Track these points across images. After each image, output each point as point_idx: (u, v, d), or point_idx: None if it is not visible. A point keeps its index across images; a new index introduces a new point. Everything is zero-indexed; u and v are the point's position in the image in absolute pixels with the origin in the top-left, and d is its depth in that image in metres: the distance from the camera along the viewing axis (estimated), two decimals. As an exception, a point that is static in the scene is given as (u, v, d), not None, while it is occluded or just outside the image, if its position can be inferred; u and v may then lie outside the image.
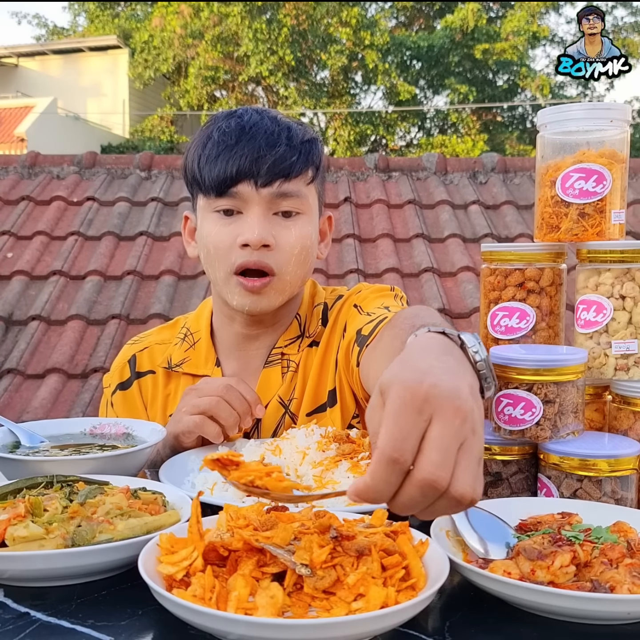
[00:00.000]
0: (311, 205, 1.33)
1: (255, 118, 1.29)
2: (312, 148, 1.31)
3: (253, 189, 1.25)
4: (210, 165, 1.26)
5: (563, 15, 28.23)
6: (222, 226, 1.28)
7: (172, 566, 0.73)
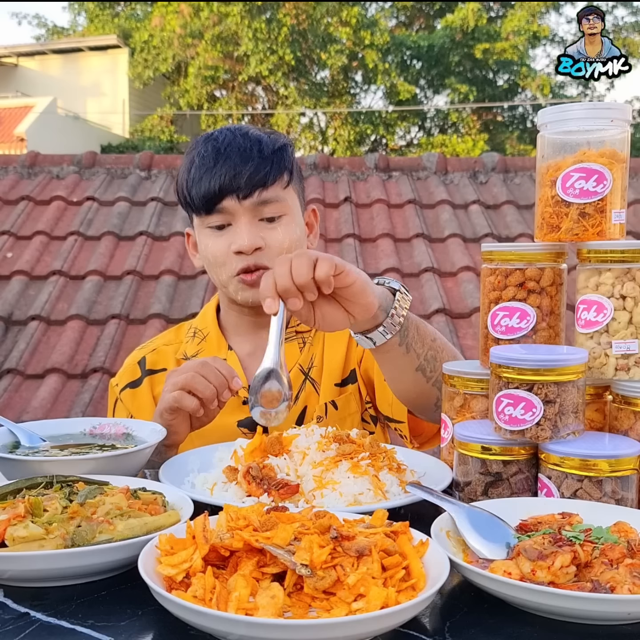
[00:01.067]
0: (291, 206, 1.47)
1: (229, 138, 1.43)
2: (283, 155, 1.45)
3: (236, 202, 1.40)
4: (196, 187, 1.41)
5: (563, 15, 28.25)
6: (215, 238, 1.44)
7: (172, 568, 0.73)
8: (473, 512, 0.90)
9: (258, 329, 1.52)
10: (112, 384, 1.58)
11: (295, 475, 1.06)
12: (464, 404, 1.15)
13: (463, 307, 4.14)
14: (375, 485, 1.02)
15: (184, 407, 1.23)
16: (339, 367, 1.51)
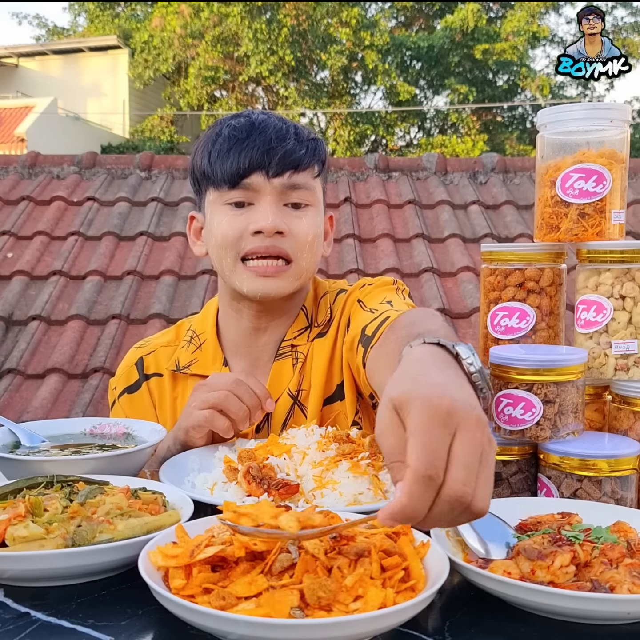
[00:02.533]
0: (318, 198, 1.38)
1: (263, 117, 1.35)
2: (317, 145, 1.37)
3: (265, 180, 1.29)
4: (222, 158, 1.30)
5: (563, 15, 28.25)
6: (233, 216, 1.31)
7: (170, 559, 0.74)
8: (473, 512, 0.90)
9: (255, 337, 1.42)
10: (111, 385, 1.53)
11: (295, 475, 1.06)
12: (464, 404, 1.15)
13: (463, 307, 4.14)
14: (375, 485, 1.02)
15: (215, 427, 1.18)
16: (322, 385, 1.39)
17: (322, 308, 1.45)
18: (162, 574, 0.75)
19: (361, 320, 1.30)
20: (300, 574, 0.71)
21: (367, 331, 1.24)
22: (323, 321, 1.43)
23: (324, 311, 1.44)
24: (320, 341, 1.41)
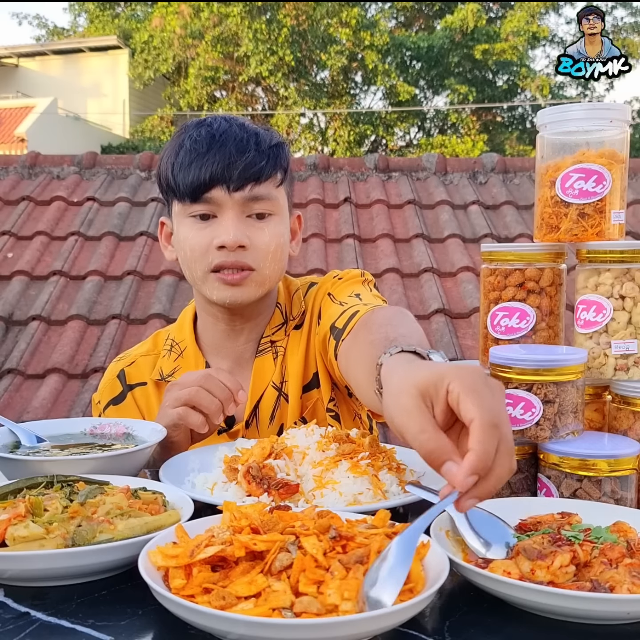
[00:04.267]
0: (282, 206, 1.39)
1: (224, 126, 1.35)
2: (279, 152, 1.37)
3: (226, 194, 1.31)
4: (184, 172, 1.32)
5: (563, 15, 28.27)
6: (198, 230, 1.34)
7: (170, 559, 0.74)
8: (472, 512, 0.90)
9: (233, 338, 1.46)
10: (94, 400, 1.54)
11: (295, 475, 1.06)
12: (464, 404, 1.15)
13: (462, 307, 4.14)
14: (374, 484, 1.02)
15: (189, 424, 1.19)
16: (301, 374, 1.44)
17: (296, 302, 1.51)
18: (162, 573, 0.75)
19: (332, 313, 1.37)
20: (296, 573, 0.71)
21: (338, 324, 1.30)
22: (298, 314, 1.49)
23: (297, 305, 1.50)
24: (297, 333, 1.48)
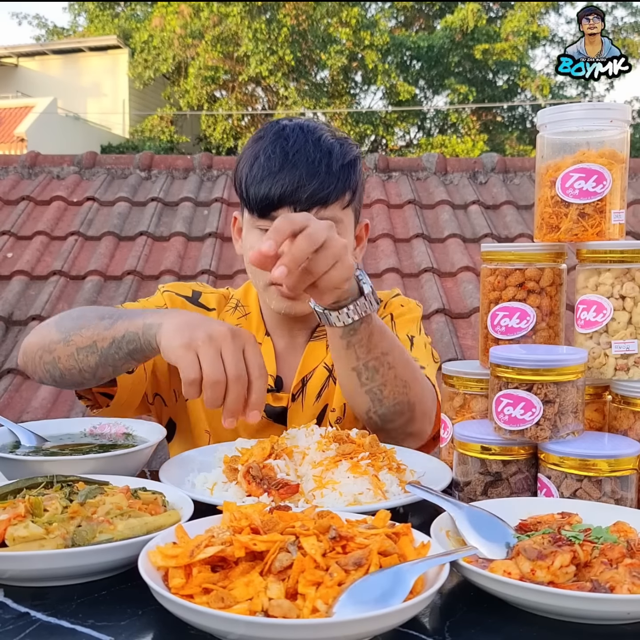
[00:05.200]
0: (346, 226, 1.41)
1: (300, 142, 1.37)
2: (350, 173, 1.39)
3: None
4: (255, 187, 1.36)
5: (563, 15, 28.27)
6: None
7: (170, 559, 0.74)
8: (473, 512, 0.90)
9: (292, 322, 1.50)
10: (160, 289, 1.56)
11: (295, 475, 1.06)
12: (464, 404, 1.15)
13: (463, 307, 4.14)
14: (375, 485, 1.02)
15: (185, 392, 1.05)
16: None
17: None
18: (162, 574, 0.75)
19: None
20: (296, 574, 0.71)
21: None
22: None
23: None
24: None
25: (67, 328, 1.26)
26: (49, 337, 1.28)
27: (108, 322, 1.22)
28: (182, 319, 1.13)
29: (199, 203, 5.18)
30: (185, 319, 1.13)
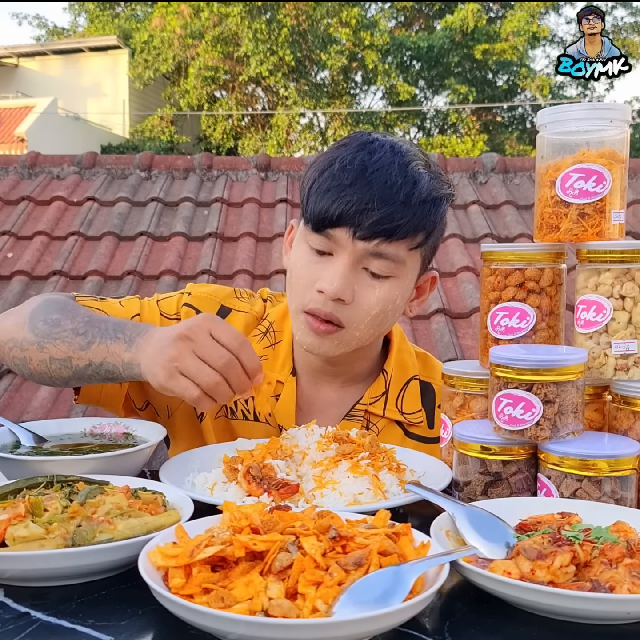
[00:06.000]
0: (408, 269, 1.23)
1: (385, 160, 1.19)
2: (430, 210, 1.20)
3: (349, 238, 1.17)
4: (318, 197, 1.19)
5: (563, 15, 28.26)
6: (309, 262, 1.23)
7: (170, 559, 0.74)
8: (473, 512, 0.90)
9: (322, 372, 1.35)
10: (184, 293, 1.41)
11: (295, 475, 1.06)
12: (464, 404, 1.15)
13: (462, 307, 4.14)
14: (374, 485, 1.02)
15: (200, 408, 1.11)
16: None
17: (410, 396, 1.37)
18: (162, 573, 0.75)
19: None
20: (296, 574, 0.71)
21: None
22: (414, 413, 1.36)
23: (412, 402, 1.37)
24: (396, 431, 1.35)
25: (41, 333, 1.21)
26: (21, 334, 1.22)
27: (83, 339, 1.18)
28: (152, 349, 1.10)
29: (199, 203, 5.18)
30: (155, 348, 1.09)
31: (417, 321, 4.05)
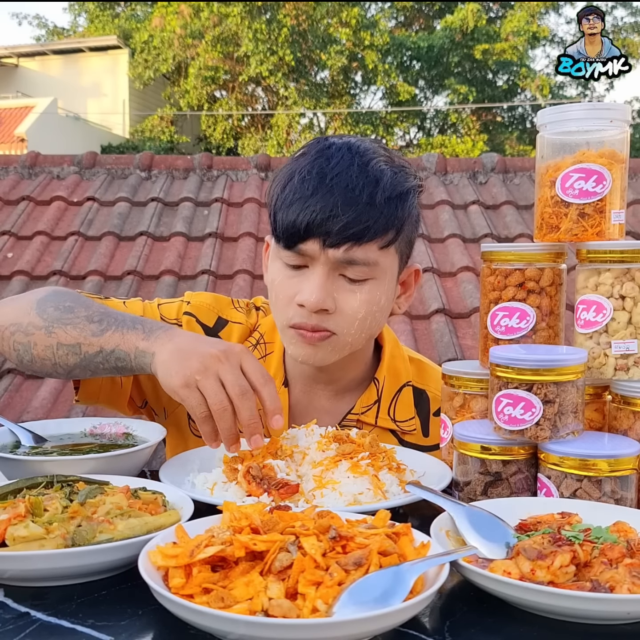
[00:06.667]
0: (383, 268, 1.22)
1: (343, 164, 1.18)
2: (397, 207, 1.20)
3: (319, 248, 1.17)
4: (283, 213, 1.19)
5: (563, 15, 28.28)
6: (285, 277, 1.23)
7: (170, 559, 0.74)
8: (473, 512, 0.90)
9: (315, 382, 1.35)
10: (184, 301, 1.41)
11: (296, 475, 1.06)
12: (464, 404, 1.15)
13: (462, 307, 4.14)
14: (374, 485, 1.02)
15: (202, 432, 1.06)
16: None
17: (403, 404, 1.36)
18: (162, 573, 0.75)
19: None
20: (296, 574, 0.71)
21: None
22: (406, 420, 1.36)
23: (405, 410, 1.36)
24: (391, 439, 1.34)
25: (51, 317, 1.18)
26: (27, 318, 1.20)
27: (97, 327, 1.16)
28: (174, 346, 1.09)
29: (199, 203, 5.18)
30: (177, 346, 1.08)
31: (417, 321, 4.05)
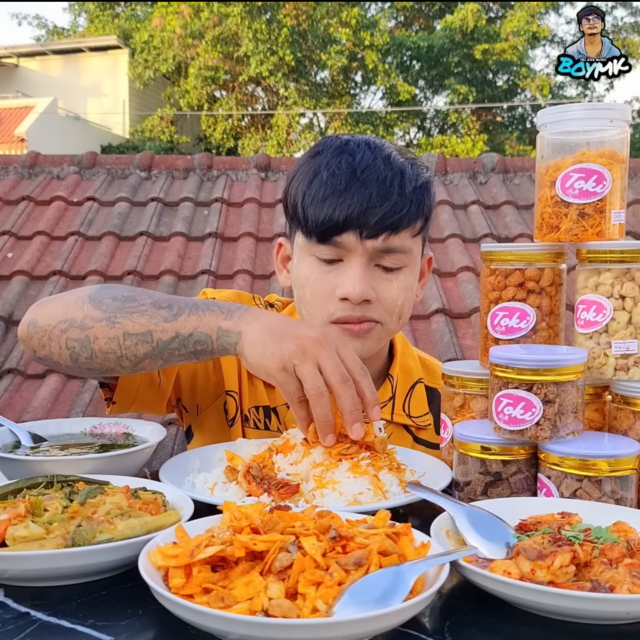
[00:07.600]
0: (415, 256, 1.28)
1: (368, 158, 1.21)
2: (423, 196, 1.24)
3: (357, 240, 1.19)
4: (316, 208, 1.19)
5: (563, 15, 28.30)
6: (320, 273, 1.23)
7: (170, 559, 0.74)
8: (473, 512, 0.90)
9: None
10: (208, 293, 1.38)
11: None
12: (464, 404, 1.15)
13: (462, 307, 4.14)
14: (375, 485, 1.02)
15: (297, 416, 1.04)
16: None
17: (417, 399, 1.39)
18: (162, 573, 0.75)
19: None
20: (296, 574, 0.71)
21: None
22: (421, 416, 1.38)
23: (419, 405, 1.39)
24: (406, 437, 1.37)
25: (112, 308, 1.12)
26: (81, 313, 1.12)
27: (167, 312, 1.10)
28: (263, 325, 1.05)
29: (199, 203, 5.18)
30: (267, 325, 1.04)
31: (417, 321, 4.05)
